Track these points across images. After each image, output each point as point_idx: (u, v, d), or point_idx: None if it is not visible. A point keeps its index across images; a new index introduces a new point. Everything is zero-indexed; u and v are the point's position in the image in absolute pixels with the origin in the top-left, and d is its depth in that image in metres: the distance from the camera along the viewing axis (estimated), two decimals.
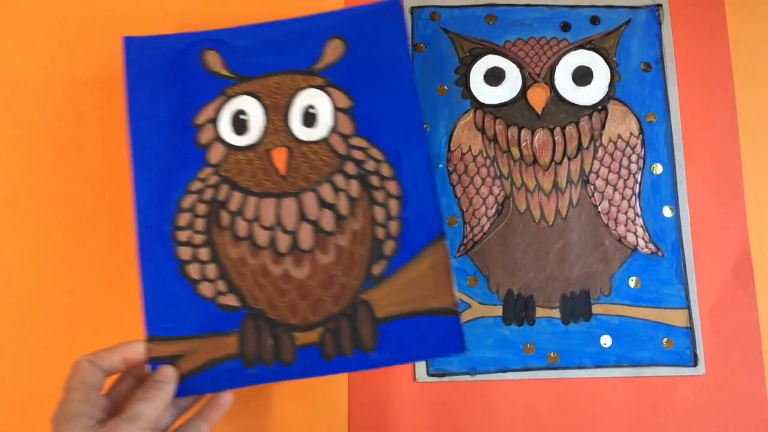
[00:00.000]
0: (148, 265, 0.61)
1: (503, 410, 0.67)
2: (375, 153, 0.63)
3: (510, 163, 0.71)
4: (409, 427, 0.67)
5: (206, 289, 0.61)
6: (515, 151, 0.71)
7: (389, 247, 0.61)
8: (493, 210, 0.70)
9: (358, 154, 0.63)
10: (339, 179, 0.62)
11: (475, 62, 0.73)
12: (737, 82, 0.72)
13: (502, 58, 0.73)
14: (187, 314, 0.60)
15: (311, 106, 0.64)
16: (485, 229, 0.70)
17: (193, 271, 0.61)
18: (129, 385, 0.57)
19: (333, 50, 0.65)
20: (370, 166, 0.63)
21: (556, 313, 0.68)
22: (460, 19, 0.74)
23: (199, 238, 0.62)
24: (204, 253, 0.61)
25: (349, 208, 0.62)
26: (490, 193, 0.70)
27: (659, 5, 0.74)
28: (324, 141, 0.63)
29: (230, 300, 0.61)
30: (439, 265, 0.60)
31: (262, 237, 0.61)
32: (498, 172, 0.71)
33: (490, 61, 0.73)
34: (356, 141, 0.63)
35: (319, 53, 0.65)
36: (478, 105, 0.72)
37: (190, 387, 0.59)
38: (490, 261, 0.69)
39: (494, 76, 0.72)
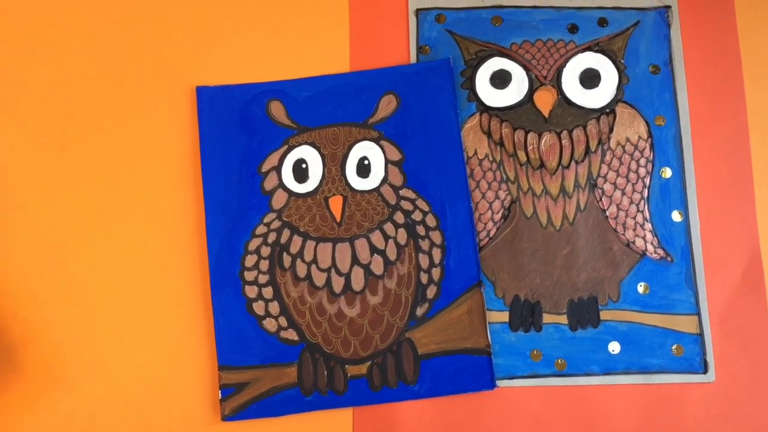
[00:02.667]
0: (220, 302, 0.67)
1: (510, 418, 0.66)
2: (422, 204, 0.68)
3: (516, 167, 0.70)
4: None
5: (269, 324, 0.67)
6: (522, 155, 0.70)
7: (431, 292, 0.67)
8: (500, 215, 0.69)
9: (406, 205, 0.68)
10: (389, 227, 0.68)
11: (481, 65, 0.72)
12: (747, 85, 0.71)
13: (509, 61, 0.72)
14: (253, 346, 0.67)
15: (365, 158, 0.69)
16: (491, 234, 0.69)
17: (258, 308, 0.67)
18: None
19: (386, 105, 0.70)
20: (417, 216, 0.68)
21: (563, 320, 0.67)
22: (466, 21, 0.73)
23: (263, 278, 0.68)
24: (268, 291, 0.67)
25: (396, 254, 0.68)
26: (496, 197, 0.69)
27: (668, 6, 0.73)
28: (376, 191, 0.69)
29: (290, 334, 0.67)
30: (475, 310, 0.67)
31: (319, 278, 0.67)
32: (504, 176, 0.70)
33: (496, 63, 0.72)
34: (405, 192, 0.69)
35: (373, 107, 0.69)
36: (483, 108, 0.71)
37: (256, 411, 0.65)
38: (496, 266, 0.68)
39: (500, 79, 0.71)
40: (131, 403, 0.66)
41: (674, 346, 0.67)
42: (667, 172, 0.70)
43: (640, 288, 0.68)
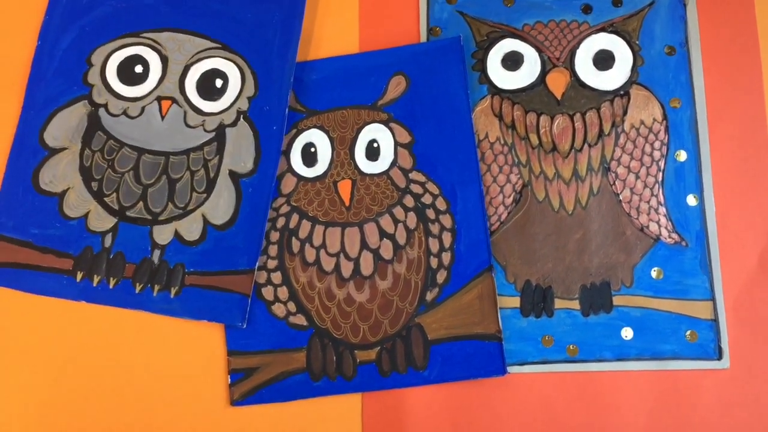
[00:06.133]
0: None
1: (521, 404, 0.65)
2: (432, 187, 0.67)
3: (528, 150, 0.69)
4: (425, 422, 0.65)
5: (278, 310, 0.67)
6: (534, 138, 0.69)
7: (441, 276, 0.66)
8: (511, 199, 0.68)
9: (416, 188, 0.67)
10: (398, 211, 0.67)
11: (493, 46, 0.71)
12: (765, 66, 0.70)
13: (521, 42, 0.70)
14: (262, 332, 0.66)
15: (374, 141, 0.68)
16: (502, 218, 0.68)
17: (267, 293, 0.67)
18: None
19: (396, 86, 0.68)
20: (427, 199, 0.67)
21: (575, 305, 0.67)
22: (477, 2, 0.71)
23: (272, 263, 0.67)
24: (277, 277, 0.67)
25: (406, 239, 0.67)
26: (508, 181, 0.68)
27: None
28: (385, 174, 0.68)
29: (299, 320, 0.67)
30: (486, 295, 0.65)
31: (328, 263, 0.67)
32: (516, 160, 0.69)
33: (508, 44, 0.71)
34: (415, 175, 0.68)
35: (383, 88, 0.68)
36: (495, 90, 0.70)
37: (266, 396, 0.65)
38: (507, 251, 0.67)
39: (512, 61, 0.70)
40: (141, 388, 0.66)
41: (688, 332, 0.66)
42: (682, 156, 0.68)
43: (654, 273, 0.67)
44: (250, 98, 0.69)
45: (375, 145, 0.68)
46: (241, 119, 0.68)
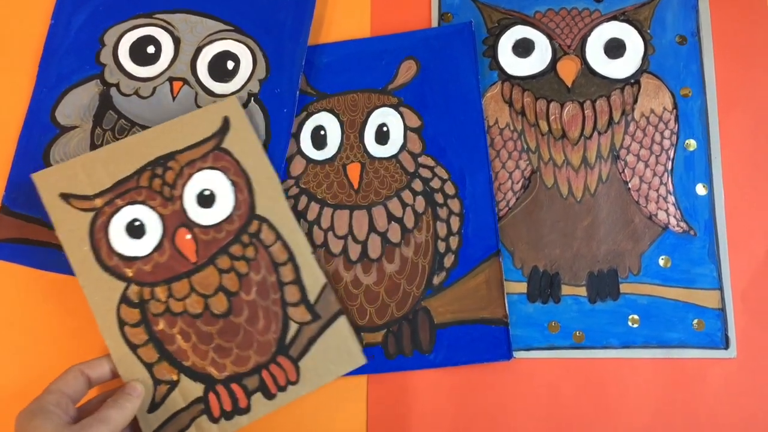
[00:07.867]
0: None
1: (526, 389, 0.65)
2: (441, 172, 0.67)
3: (538, 136, 0.69)
4: (430, 405, 0.65)
5: None
6: (543, 125, 0.69)
7: (449, 260, 0.66)
8: (520, 185, 0.68)
9: (425, 172, 0.67)
10: (406, 195, 0.67)
11: (504, 33, 0.71)
12: None
13: (532, 29, 0.71)
14: None
15: (384, 125, 0.68)
16: (511, 204, 0.68)
17: None
18: (97, 406, 0.58)
19: (406, 70, 0.69)
20: (436, 184, 0.67)
21: (582, 292, 0.67)
22: None
23: None
24: None
25: (414, 222, 0.67)
26: (517, 167, 0.68)
27: None
28: (394, 158, 0.68)
29: None
30: (493, 280, 0.66)
31: (335, 245, 0.67)
32: (525, 146, 0.69)
33: (519, 31, 0.71)
34: (424, 160, 0.68)
35: (393, 73, 0.69)
36: (506, 77, 0.70)
37: None
38: (515, 237, 0.67)
39: (523, 48, 0.70)
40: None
41: (695, 321, 0.66)
42: (692, 145, 0.68)
43: (662, 261, 0.67)
44: (261, 81, 0.69)
45: (385, 129, 0.69)
46: (252, 101, 0.69)
